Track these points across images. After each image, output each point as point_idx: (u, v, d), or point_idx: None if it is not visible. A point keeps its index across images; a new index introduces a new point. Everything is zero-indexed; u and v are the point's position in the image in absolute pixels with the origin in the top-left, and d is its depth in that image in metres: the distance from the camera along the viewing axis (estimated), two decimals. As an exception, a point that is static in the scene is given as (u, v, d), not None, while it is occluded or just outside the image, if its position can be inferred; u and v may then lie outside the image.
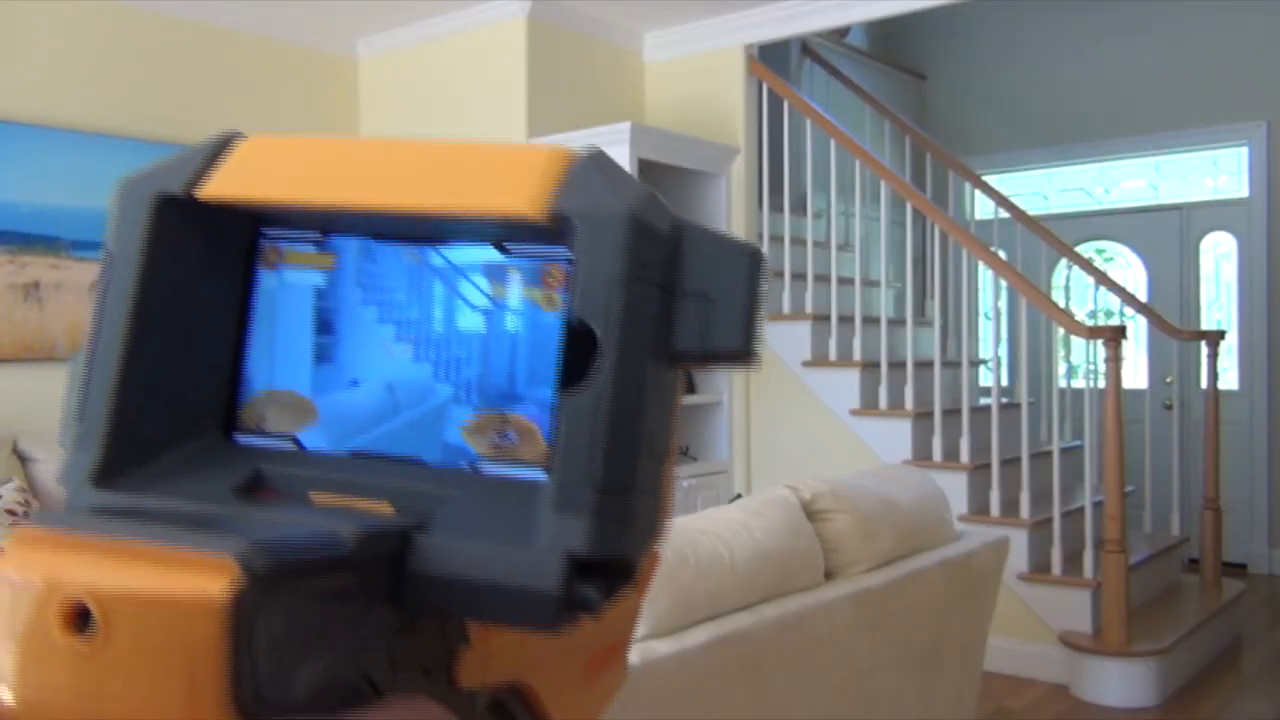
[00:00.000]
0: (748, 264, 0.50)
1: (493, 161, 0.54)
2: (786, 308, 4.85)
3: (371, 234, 0.60)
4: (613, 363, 0.49)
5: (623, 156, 4.38)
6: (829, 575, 2.30)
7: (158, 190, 0.57)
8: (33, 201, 4.14)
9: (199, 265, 0.60)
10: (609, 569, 0.48)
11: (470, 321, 0.59)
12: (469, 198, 0.53)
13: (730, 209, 4.90)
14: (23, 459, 3.87)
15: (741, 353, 0.50)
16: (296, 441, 0.61)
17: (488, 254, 0.58)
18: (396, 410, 0.60)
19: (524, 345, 0.58)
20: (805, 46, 5.86)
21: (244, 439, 0.61)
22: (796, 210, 5.43)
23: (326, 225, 0.61)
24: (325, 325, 0.62)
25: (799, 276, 4.90)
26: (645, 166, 4.70)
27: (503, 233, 0.56)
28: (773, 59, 5.38)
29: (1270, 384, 6.03)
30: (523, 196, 0.51)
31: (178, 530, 0.42)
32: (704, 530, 2.04)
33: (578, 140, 4.49)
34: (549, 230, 0.52)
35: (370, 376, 0.61)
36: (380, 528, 0.49)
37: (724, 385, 5.00)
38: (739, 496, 4.62)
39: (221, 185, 0.57)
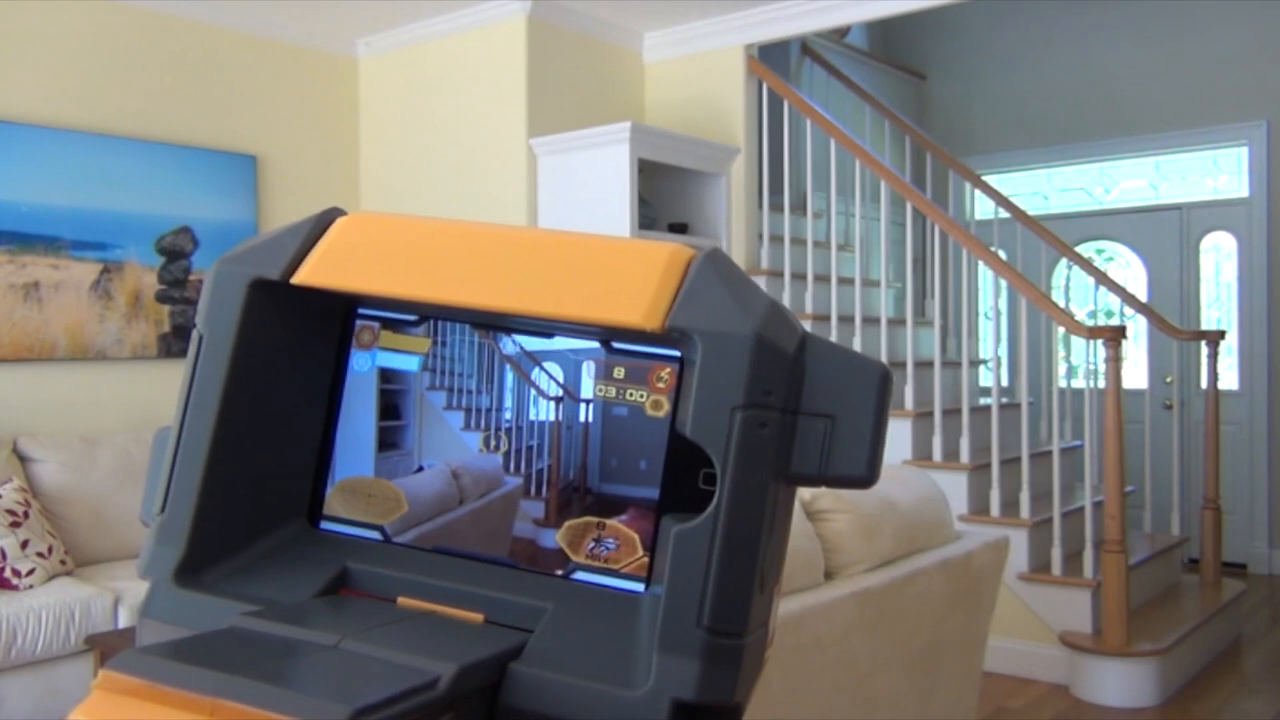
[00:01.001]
0: (875, 384, 0.47)
1: (607, 261, 0.51)
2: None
3: (471, 322, 0.56)
4: (729, 493, 0.45)
5: (623, 156, 4.38)
6: (829, 575, 2.30)
7: (254, 274, 0.54)
8: (33, 201, 4.14)
9: (292, 348, 0.57)
10: (714, 712, 0.45)
11: (565, 416, 0.55)
12: (581, 305, 0.49)
13: (730, 209, 4.90)
14: (23, 459, 3.87)
15: (863, 478, 0.47)
16: (384, 533, 0.57)
17: (592, 349, 0.54)
18: (467, 501, 0.56)
19: (623, 448, 0.54)
20: (805, 46, 5.86)
21: (330, 527, 0.58)
22: (796, 210, 5.43)
23: (425, 311, 0.58)
24: (395, 409, 0.58)
25: (799, 276, 4.90)
26: (645, 166, 4.70)
27: (610, 331, 0.53)
28: (773, 59, 5.38)
29: (1270, 384, 6.02)
30: (640, 307, 0.48)
31: (273, 691, 0.39)
32: (704, 530, 2.03)
33: (577, 140, 4.49)
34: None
35: (440, 463, 0.57)
36: (477, 662, 0.45)
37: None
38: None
39: (317, 271, 0.54)
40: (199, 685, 0.39)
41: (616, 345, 0.53)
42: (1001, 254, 4.99)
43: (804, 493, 2.35)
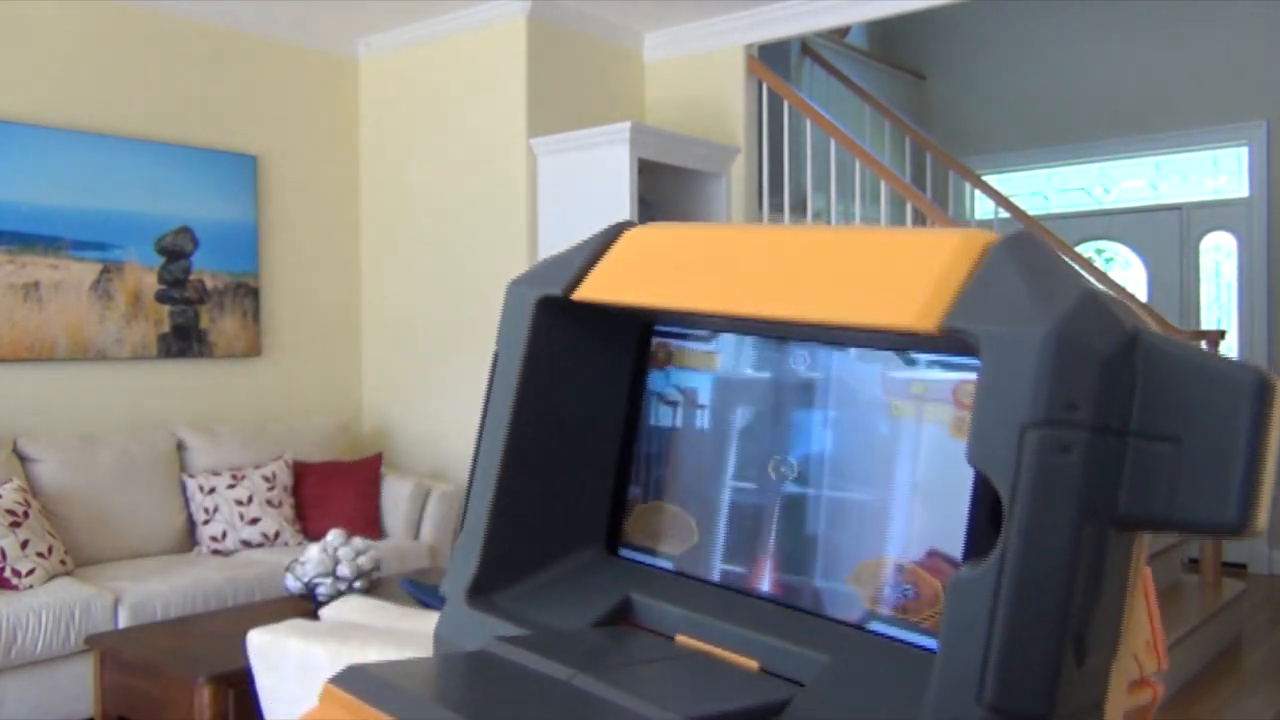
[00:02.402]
0: (1249, 396, 0.36)
1: (891, 256, 0.44)
2: (786, 308, 4.85)
3: (761, 334, 0.51)
4: (1018, 534, 0.36)
5: (623, 156, 4.38)
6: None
7: (541, 293, 0.53)
8: (33, 201, 4.14)
9: (585, 368, 0.54)
10: None
11: (857, 441, 0.48)
12: (854, 307, 0.43)
13: (730, 209, 4.90)
14: (23, 459, 3.87)
15: (1231, 524, 0.37)
16: (676, 564, 0.54)
17: (890, 362, 0.47)
18: (762, 534, 0.51)
19: (926, 478, 0.46)
20: (805, 46, 5.86)
21: (628, 554, 0.56)
22: (796, 210, 5.43)
23: (708, 324, 0.53)
24: (692, 431, 0.54)
25: (799, 276, 4.89)
26: (645, 166, 4.70)
27: (907, 340, 0.45)
28: (773, 59, 5.38)
29: (1270, 384, 6.02)
30: (915, 305, 0.41)
31: None
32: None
33: (577, 140, 4.49)
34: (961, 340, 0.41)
35: (731, 493, 0.52)
36: (709, 717, 0.39)
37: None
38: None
39: (599, 287, 0.52)
40: (397, 709, 0.38)
41: (914, 355, 0.45)
42: (1001, 254, 4.99)
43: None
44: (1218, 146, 6.23)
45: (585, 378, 0.53)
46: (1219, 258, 6.33)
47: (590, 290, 0.51)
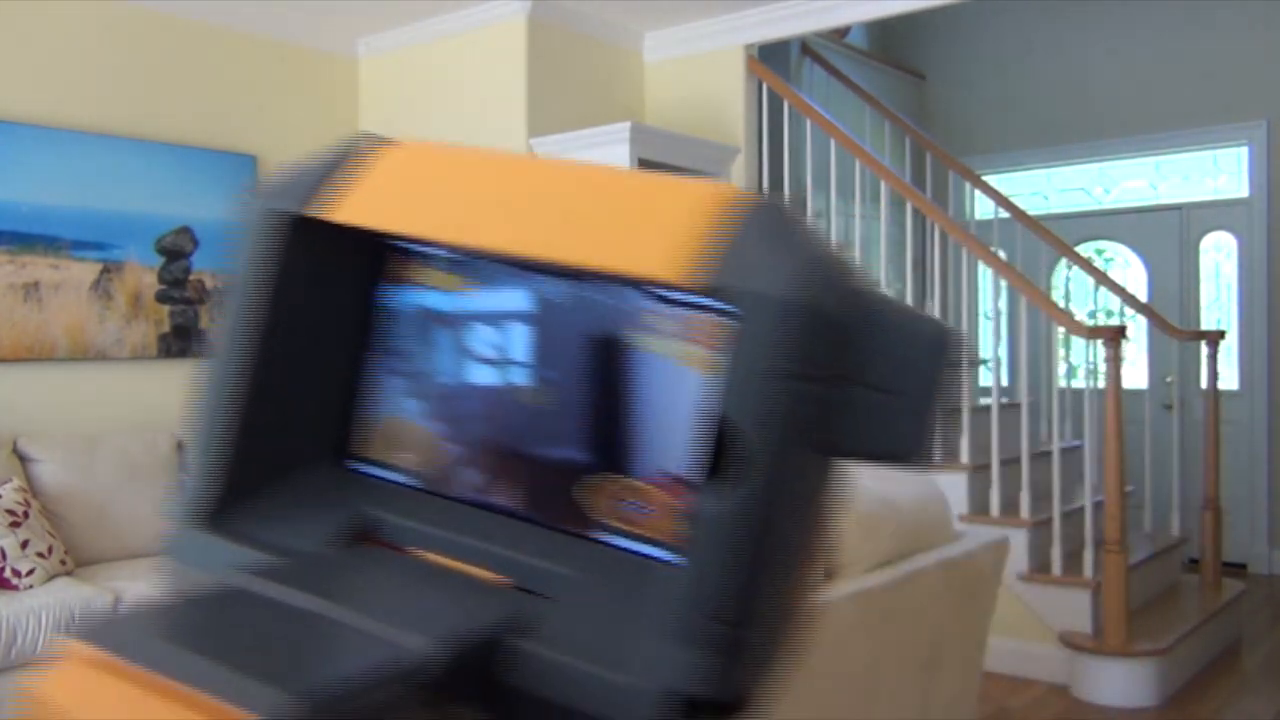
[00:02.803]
0: (938, 348, 0.42)
1: (647, 203, 0.46)
2: (786, 308, 4.85)
3: (506, 262, 0.53)
4: (764, 473, 0.40)
5: (623, 156, 4.38)
6: (829, 575, 2.30)
7: (277, 209, 0.52)
8: (33, 201, 4.14)
9: (320, 283, 0.54)
10: (716, 708, 0.41)
11: (595, 364, 0.51)
12: (608, 253, 0.45)
13: (730, 209, 4.90)
14: (23, 459, 3.87)
15: (915, 454, 0.42)
16: (416, 479, 0.54)
17: (635, 297, 0.49)
18: (504, 450, 0.52)
19: (666, 407, 0.49)
20: (805, 46, 5.86)
21: (364, 468, 0.56)
22: (796, 210, 5.42)
23: (461, 252, 0.54)
24: (438, 350, 0.55)
25: (799, 276, 4.90)
26: (645, 166, 4.70)
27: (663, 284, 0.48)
28: (773, 59, 5.38)
29: (1270, 384, 6.02)
30: (668, 257, 0.43)
31: (222, 674, 0.37)
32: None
33: (577, 140, 4.49)
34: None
35: (480, 409, 0.54)
36: (470, 642, 0.42)
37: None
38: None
39: (344, 208, 0.51)
40: (144, 659, 0.38)
41: (664, 295, 0.48)
42: (1001, 254, 4.99)
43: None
44: (1218, 146, 6.23)
45: (316, 294, 0.54)
46: (1219, 258, 6.33)
47: (333, 211, 0.51)
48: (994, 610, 2.88)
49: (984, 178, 5.94)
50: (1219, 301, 6.35)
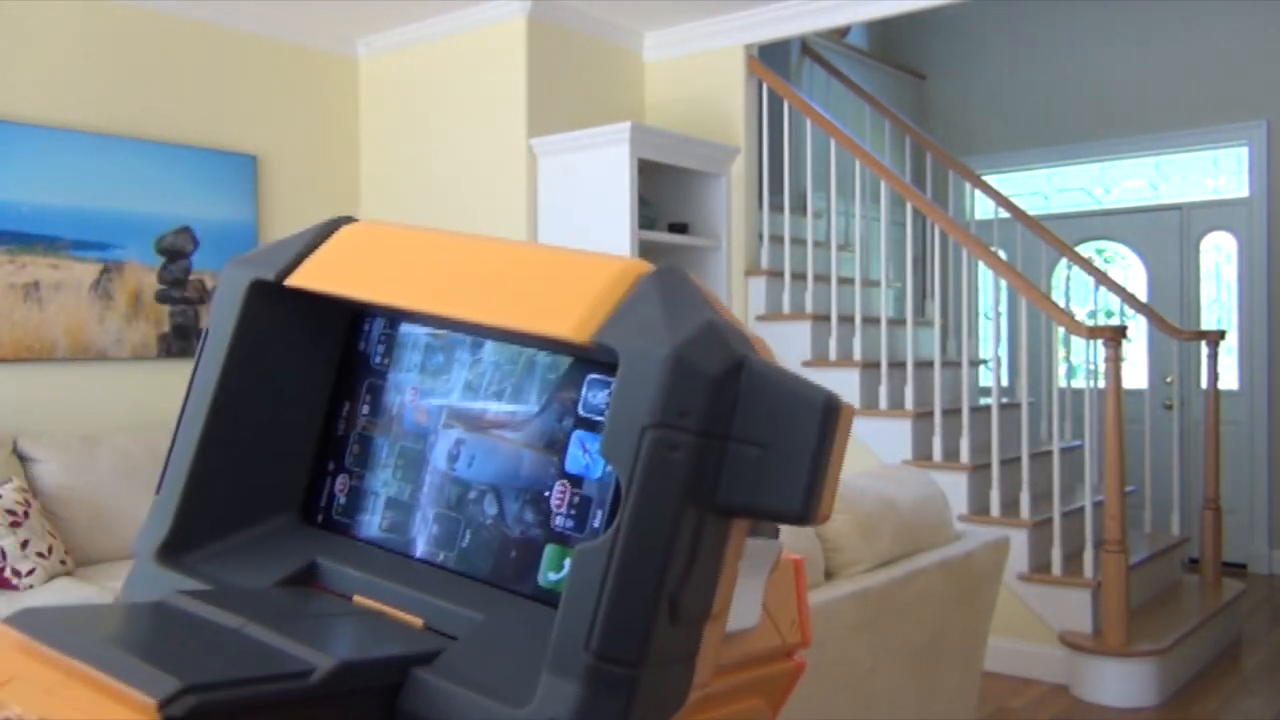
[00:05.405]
0: (818, 413, 0.44)
1: (564, 274, 0.50)
2: (786, 308, 4.85)
3: (440, 328, 0.57)
4: (629, 515, 0.43)
5: (623, 156, 4.38)
6: (829, 575, 2.30)
7: (253, 275, 0.57)
8: (33, 201, 4.14)
9: (293, 348, 0.59)
10: None
11: (525, 436, 0.54)
12: (522, 315, 0.50)
13: (730, 209, 4.90)
14: (22, 459, 3.87)
15: (796, 514, 0.44)
16: (370, 536, 0.59)
17: (565, 365, 0.53)
18: (425, 508, 0.57)
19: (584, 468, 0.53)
20: (805, 46, 5.86)
21: (321, 522, 0.60)
22: (796, 210, 5.43)
23: (399, 316, 0.59)
24: (387, 414, 0.60)
25: (799, 277, 4.90)
26: (645, 166, 4.70)
27: (563, 346, 0.52)
28: (773, 59, 5.38)
29: (1270, 384, 6.02)
30: (572, 319, 0.47)
31: (120, 657, 0.40)
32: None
33: (577, 140, 4.49)
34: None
35: (425, 477, 0.58)
36: (363, 661, 0.45)
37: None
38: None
39: (307, 275, 0.57)
40: (62, 645, 0.41)
41: (566, 357, 0.53)
42: (1001, 254, 4.99)
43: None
44: (1218, 146, 6.23)
45: (293, 359, 0.58)
46: (1219, 258, 6.33)
47: (299, 278, 0.56)
48: (994, 610, 2.88)
49: (984, 178, 5.94)
50: (1219, 301, 6.35)
